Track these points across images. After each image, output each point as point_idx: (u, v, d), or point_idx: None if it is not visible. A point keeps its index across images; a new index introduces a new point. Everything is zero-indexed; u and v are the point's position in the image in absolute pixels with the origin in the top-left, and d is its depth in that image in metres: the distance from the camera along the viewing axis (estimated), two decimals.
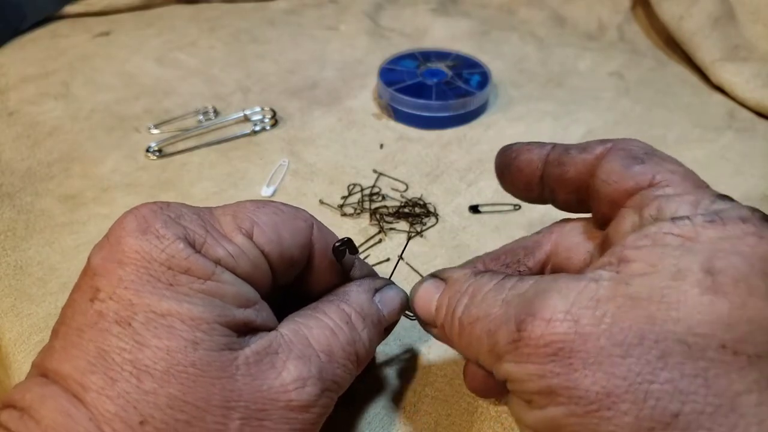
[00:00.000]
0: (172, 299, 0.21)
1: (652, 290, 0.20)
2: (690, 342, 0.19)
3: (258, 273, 0.25)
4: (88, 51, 0.63)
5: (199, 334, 0.21)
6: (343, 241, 0.28)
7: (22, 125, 0.52)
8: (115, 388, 0.20)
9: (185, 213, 0.24)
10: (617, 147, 0.26)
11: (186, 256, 0.22)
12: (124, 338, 0.20)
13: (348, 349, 0.26)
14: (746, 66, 0.57)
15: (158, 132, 0.52)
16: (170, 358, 0.20)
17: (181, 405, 0.20)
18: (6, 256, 0.40)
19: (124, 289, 0.21)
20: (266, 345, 0.23)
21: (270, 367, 0.23)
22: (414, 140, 0.52)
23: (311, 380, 0.23)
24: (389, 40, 0.67)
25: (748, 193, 0.46)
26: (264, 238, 0.25)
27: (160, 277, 0.21)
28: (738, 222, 0.21)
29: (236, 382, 0.21)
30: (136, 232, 0.22)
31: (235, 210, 0.25)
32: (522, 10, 0.73)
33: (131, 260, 0.21)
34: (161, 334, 0.20)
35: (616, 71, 0.62)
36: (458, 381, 0.33)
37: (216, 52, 0.63)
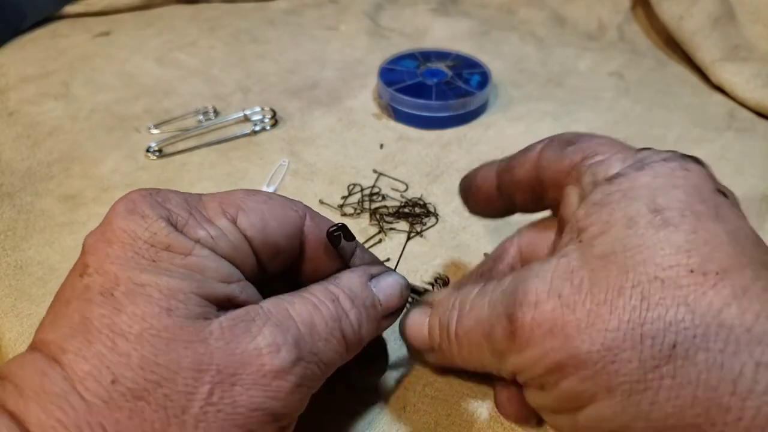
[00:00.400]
0: (152, 272, 0.22)
1: (614, 244, 0.22)
2: (662, 276, 0.21)
3: (240, 256, 0.25)
4: (88, 51, 0.63)
5: (174, 302, 0.22)
6: (337, 226, 0.28)
7: (22, 125, 0.52)
8: (91, 349, 0.21)
9: (172, 197, 0.25)
10: (552, 139, 0.29)
11: (167, 234, 0.23)
12: (105, 306, 0.21)
13: (332, 324, 0.25)
14: (746, 66, 0.57)
15: (158, 132, 0.52)
16: (144, 323, 0.21)
17: (152, 366, 0.21)
18: (6, 256, 0.40)
19: (110, 264, 0.22)
20: (243, 313, 0.23)
21: (244, 332, 0.22)
22: (414, 140, 0.52)
23: (286, 346, 0.23)
24: (389, 40, 0.67)
25: (748, 193, 0.46)
26: (247, 223, 0.25)
27: (143, 253, 0.22)
28: (662, 163, 0.24)
29: (208, 345, 0.22)
30: (124, 213, 0.23)
31: (224, 196, 0.26)
32: (522, 10, 0.73)
33: (118, 238, 0.23)
34: (138, 302, 0.21)
35: (616, 71, 0.62)
36: (458, 381, 0.33)
37: (216, 52, 0.63)
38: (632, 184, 0.24)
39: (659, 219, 0.22)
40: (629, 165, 0.24)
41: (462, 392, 0.32)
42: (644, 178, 0.24)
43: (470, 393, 0.32)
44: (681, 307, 0.20)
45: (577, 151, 0.27)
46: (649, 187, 0.23)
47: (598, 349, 0.21)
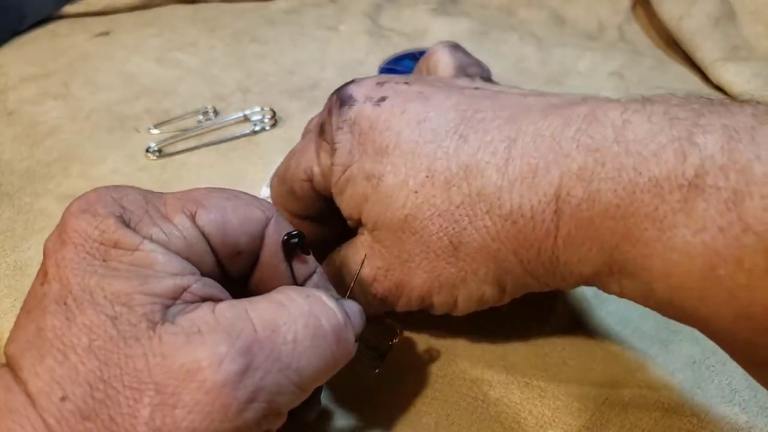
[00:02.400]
0: (99, 275, 0.21)
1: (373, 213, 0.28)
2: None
3: (196, 253, 0.23)
4: (87, 51, 0.63)
5: (119, 308, 0.20)
6: (293, 234, 0.26)
7: (21, 125, 0.52)
8: (43, 364, 0.20)
9: (130, 194, 0.24)
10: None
11: (114, 230, 0.22)
12: (59, 316, 0.20)
13: (304, 321, 0.22)
14: (746, 66, 0.57)
15: (158, 132, 0.52)
16: (92, 334, 0.20)
17: (98, 383, 0.19)
18: (5, 257, 0.40)
19: (64, 268, 0.21)
20: (188, 323, 0.21)
21: (185, 343, 0.20)
22: None
23: (229, 356, 0.20)
24: (389, 40, 0.67)
25: None
26: (206, 219, 0.24)
27: (94, 253, 0.21)
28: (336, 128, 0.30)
29: (147, 361, 0.19)
30: (78, 213, 0.22)
31: (186, 193, 0.25)
32: (522, 10, 0.73)
33: (71, 239, 0.22)
34: (87, 310, 0.20)
35: (616, 71, 0.62)
36: (458, 381, 0.33)
37: (216, 52, 0.63)
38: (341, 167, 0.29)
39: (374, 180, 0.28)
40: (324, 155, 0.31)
41: (462, 392, 0.32)
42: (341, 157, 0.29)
43: (470, 393, 0.32)
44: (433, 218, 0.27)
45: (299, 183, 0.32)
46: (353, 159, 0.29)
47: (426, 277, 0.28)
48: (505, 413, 0.31)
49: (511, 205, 0.25)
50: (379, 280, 0.28)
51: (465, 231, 0.26)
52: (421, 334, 0.35)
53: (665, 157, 0.22)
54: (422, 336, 0.35)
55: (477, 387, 0.32)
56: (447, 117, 0.27)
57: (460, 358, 0.34)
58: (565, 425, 0.31)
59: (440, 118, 0.27)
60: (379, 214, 0.27)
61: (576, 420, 0.31)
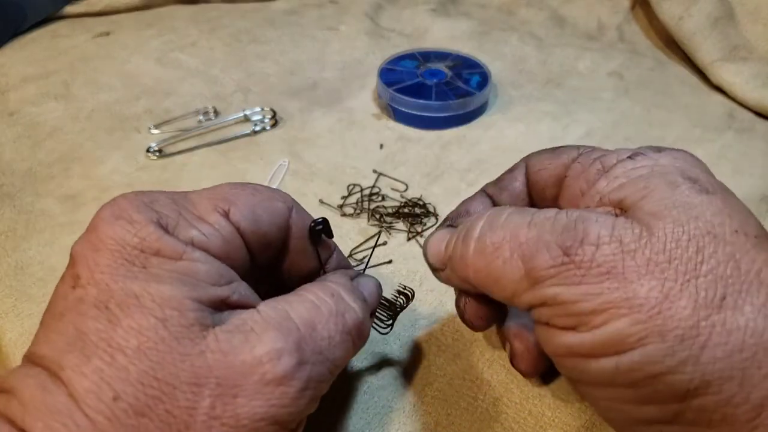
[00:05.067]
0: (143, 280, 0.22)
1: (663, 202, 0.23)
2: (715, 232, 0.22)
3: (233, 251, 0.25)
4: (88, 51, 0.63)
5: (169, 312, 0.21)
6: (318, 221, 0.28)
7: (22, 125, 0.52)
8: (90, 365, 0.20)
9: (159, 198, 0.25)
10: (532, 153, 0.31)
11: (156, 238, 0.22)
12: (101, 320, 0.21)
13: (334, 320, 0.25)
14: (746, 66, 0.57)
15: (158, 132, 0.52)
16: (141, 336, 0.21)
17: (151, 381, 0.20)
18: (6, 257, 0.40)
19: (101, 273, 0.22)
20: (240, 322, 0.23)
21: (243, 341, 0.22)
22: (414, 140, 0.52)
23: (287, 351, 0.22)
24: (389, 40, 0.67)
25: (748, 193, 0.46)
26: (239, 216, 0.25)
27: (133, 260, 0.22)
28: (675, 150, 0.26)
29: (206, 359, 0.21)
30: (111, 219, 0.23)
31: (211, 192, 0.26)
32: (522, 10, 0.73)
33: (106, 246, 0.22)
34: (133, 314, 0.21)
35: (616, 71, 0.62)
36: (458, 381, 0.33)
37: (216, 53, 0.63)
38: (656, 161, 0.25)
39: (697, 186, 0.24)
40: (646, 148, 0.26)
41: (462, 393, 0.32)
42: (665, 158, 0.25)
43: (470, 393, 0.32)
44: (731, 263, 0.22)
45: (571, 149, 0.28)
46: (674, 164, 0.25)
47: (656, 295, 0.22)
48: (505, 413, 0.31)
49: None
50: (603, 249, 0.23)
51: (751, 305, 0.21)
52: (421, 335, 0.35)
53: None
54: (422, 336, 0.35)
55: (477, 387, 0.32)
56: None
57: (460, 358, 0.34)
58: (565, 425, 0.31)
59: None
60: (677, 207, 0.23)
61: (576, 420, 0.31)
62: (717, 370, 0.21)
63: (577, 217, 0.24)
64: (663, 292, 0.22)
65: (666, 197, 0.23)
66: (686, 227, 0.22)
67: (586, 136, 0.52)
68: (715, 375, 0.21)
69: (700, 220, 0.22)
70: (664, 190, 0.24)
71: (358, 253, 0.41)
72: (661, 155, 0.26)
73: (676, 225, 0.22)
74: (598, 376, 0.23)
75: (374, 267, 0.40)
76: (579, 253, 0.23)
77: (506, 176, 0.31)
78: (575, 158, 0.28)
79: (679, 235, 0.22)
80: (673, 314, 0.21)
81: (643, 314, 0.22)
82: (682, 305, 0.21)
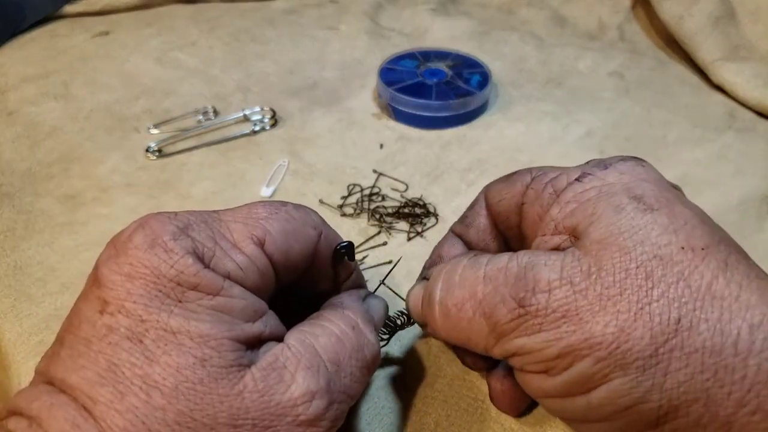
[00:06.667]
0: (181, 316, 0.21)
1: (609, 229, 0.23)
2: (661, 254, 0.22)
3: (265, 282, 0.25)
4: (87, 51, 0.63)
5: (208, 351, 0.21)
6: (343, 245, 0.29)
7: (21, 125, 0.52)
8: (125, 402, 0.20)
9: (193, 223, 0.24)
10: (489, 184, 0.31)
11: (195, 272, 0.22)
12: (135, 354, 0.20)
13: (356, 356, 0.25)
14: (746, 66, 0.57)
15: (158, 132, 0.52)
16: (179, 375, 0.20)
17: (188, 422, 0.20)
18: (6, 257, 0.40)
19: (133, 303, 0.21)
20: (273, 360, 0.23)
21: (278, 381, 0.22)
22: (414, 140, 0.52)
23: (319, 393, 0.23)
24: (389, 40, 0.67)
25: (748, 193, 0.45)
26: (274, 248, 0.25)
27: (169, 293, 0.21)
28: (621, 162, 0.26)
29: (243, 399, 0.21)
30: (145, 246, 0.22)
31: (246, 216, 0.25)
32: (522, 10, 0.73)
33: (140, 275, 0.21)
34: (171, 351, 0.21)
35: (616, 71, 0.62)
36: (458, 381, 0.33)
37: (216, 52, 0.63)
38: (603, 181, 0.25)
39: (642, 205, 0.24)
40: (593, 166, 0.26)
41: (462, 392, 0.32)
42: (612, 174, 0.25)
43: (470, 393, 0.32)
44: (680, 283, 0.22)
45: (524, 174, 0.29)
46: (621, 181, 0.25)
47: (612, 330, 0.22)
48: (504, 414, 0.31)
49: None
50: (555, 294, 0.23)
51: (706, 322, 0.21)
52: (421, 336, 0.35)
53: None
54: (422, 337, 0.35)
55: (477, 387, 0.32)
56: (720, 237, 0.24)
57: None
58: (565, 426, 0.31)
59: (718, 233, 0.24)
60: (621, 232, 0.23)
61: None
62: (682, 393, 0.21)
63: (527, 263, 0.24)
64: (618, 326, 0.22)
65: (612, 222, 0.23)
66: (633, 254, 0.22)
67: (587, 136, 0.52)
68: (681, 399, 0.21)
69: (646, 243, 0.22)
70: (610, 215, 0.24)
71: (358, 252, 0.41)
72: (608, 172, 0.26)
73: (622, 253, 0.23)
74: (575, 413, 0.24)
75: (374, 267, 0.40)
76: (533, 303, 0.23)
77: (469, 213, 0.32)
78: (528, 184, 0.28)
79: (627, 264, 0.22)
80: (631, 346, 0.21)
81: (603, 352, 0.22)
82: (638, 336, 0.21)
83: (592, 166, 0.26)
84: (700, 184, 0.46)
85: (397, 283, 0.38)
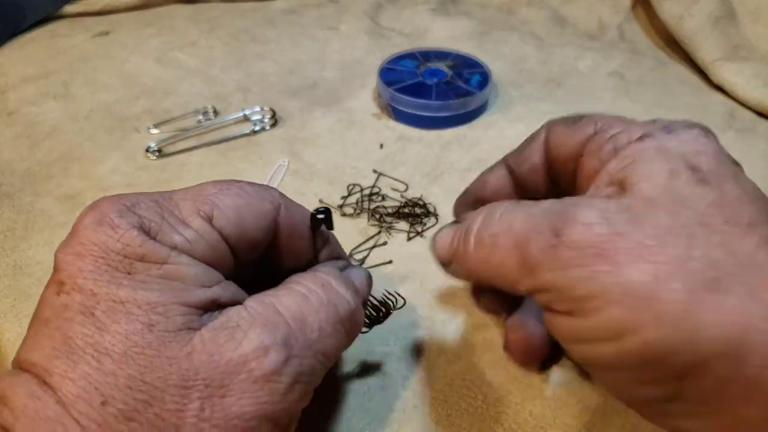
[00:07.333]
0: (129, 287, 0.22)
1: (660, 191, 0.24)
2: (706, 222, 0.23)
3: (217, 256, 0.25)
4: (87, 51, 0.63)
5: (155, 317, 0.21)
6: (321, 210, 0.28)
7: (21, 125, 0.52)
8: (77, 370, 0.20)
9: (142, 201, 0.24)
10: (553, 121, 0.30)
11: (140, 243, 0.22)
12: (87, 325, 0.21)
13: (325, 310, 0.25)
14: (747, 66, 0.57)
15: (158, 132, 0.52)
16: (128, 341, 0.21)
17: (139, 385, 0.20)
18: (5, 257, 0.40)
19: (84, 279, 0.22)
20: (226, 320, 0.22)
21: (228, 339, 0.22)
22: (414, 140, 0.52)
23: (274, 347, 0.22)
24: (389, 40, 0.67)
25: None
26: (224, 221, 0.25)
27: (117, 266, 0.22)
28: (686, 129, 0.26)
29: (192, 360, 0.21)
30: (93, 225, 0.23)
31: (196, 193, 0.26)
32: (522, 10, 0.73)
33: (89, 252, 0.22)
34: (120, 320, 0.21)
35: (616, 71, 0.62)
36: (458, 381, 0.33)
37: (216, 52, 0.63)
38: (663, 144, 0.25)
39: (697, 176, 0.24)
40: (657, 128, 0.26)
41: (462, 392, 0.32)
42: (673, 141, 0.26)
43: (470, 394, 0.32)
44: (722, 248, 0.22)
45: (588, 124, 0.28)
46: (680, 149, 0.25)
47: (647, 279, 0.21)
48: (505, 413, 0.31)
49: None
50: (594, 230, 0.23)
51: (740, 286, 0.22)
52: (421, 335, 0.35)
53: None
54: (423, 337, 0.35)
55: (477, 387, 0.32)
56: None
57: (460, 359, 0.34)
58: (565, 426, 0.31)
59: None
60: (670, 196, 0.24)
61: (576, 420, 0.31)
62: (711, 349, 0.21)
63: (570, 202, 0.24)
64: (654, 275, 0.21)
65: (664, 185, 0.24)
66: (679, 216, 0.23)
67: None
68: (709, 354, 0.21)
69: (693, 211, 0.23)
70: (663, 178, 0.24)
71: (358, 253, 0.41)
72: (671, 137, 0.26)
73: (668, 213, 0.23)
74: (601, 360, 0.23)
75: (374, 267, 0.40)
76: (569, 233, 0.23)
77: (526, 148, 0.31)
78: (591, 136, 0.27)
79: (672, 223, 0.23)
80: (666, 298, 0.21)
81: (637, 300, 0.21)
82: (674, 288, 0.21)
83: (656, 129, 0.26)
84: None
85: (395, 283, 0.38)
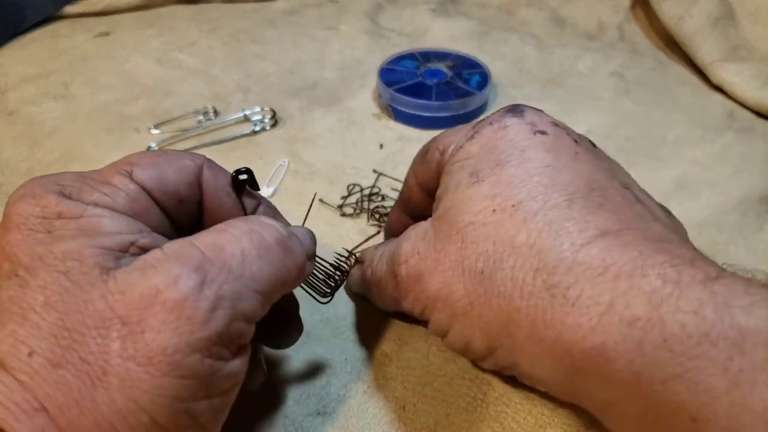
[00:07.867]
0: (47, 243, 0.22)
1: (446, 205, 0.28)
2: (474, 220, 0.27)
3: (141, 209, 0.25)
4: (88, 51, 0.63)
5: (70, 263, 0.21)
6: (241, 170, 0.28)
7: (22, 125, 0.52)
8: (6, 330, 0.21)
9: (67, 174, 0.25)
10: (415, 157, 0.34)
11: (56, 203, 0.23)
12: (13, 287, 0.21)
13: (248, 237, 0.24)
14: (746, 66, 0.57)
15: (158, 132, 0.52)
16: (47, 291, 0.21)
17: (62, 332, 0.20)
18: None
19: (11, 247, 0.22)
20: (140, 261, 0.22)
21: (141, 276, 0.21)
22: (414, 140, 0.52)
23: (185, 273, 0.21)
24: (389, 40, 0.67)
25: (747, 193, 0.45)
26: (143, 174, 0.26)
27: (38, 228, 0.22)
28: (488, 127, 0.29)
29: (107, 300, 0.21)
30: (16, 199, 0.23)
31: (117, 161, 0.27)
32: (522, 10, 0.73)
33: (15, 224, 0.23)
34: (39, 273, 0.21)
35: (616, 71, 0.62)
36: (458, 381, 0.33)
37: (216, 52, 0.63)
38: (467, 153, 0.29)
39: (473, 178, 0.27)
40: (465, 137, 0.29)
41: (462, 392, 0.32)
42: (474, 146, 0.29)
43: (470, 393, 0.32)
44: (486, 241, 0.26)
45: (433, 152, 0.31)
46: (478, 154, 0.28)
47: (440, 286, 0.27)
48: (505, 413, 0.31)
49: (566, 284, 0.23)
50: (409, 263, 0.29)
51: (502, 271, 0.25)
52: (420, 333, 0.35)
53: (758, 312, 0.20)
54: (422, 335, 0.35)
55: (477, 387, 0.32)
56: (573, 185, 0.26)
57: (460, 357, 0.34)
58: (564, 425, 0.31)
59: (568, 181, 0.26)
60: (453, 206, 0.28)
61: (576, 420, 0.31)
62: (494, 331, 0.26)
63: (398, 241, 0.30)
64: (443, 282, 0.27)
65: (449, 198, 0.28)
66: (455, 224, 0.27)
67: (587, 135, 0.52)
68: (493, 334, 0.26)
69: (466, 213, 0.27)
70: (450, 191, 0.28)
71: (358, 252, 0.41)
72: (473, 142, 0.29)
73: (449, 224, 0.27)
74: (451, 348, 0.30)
75: None
76: (399, 273, 0.30)
77: (404, 189, 0.35)
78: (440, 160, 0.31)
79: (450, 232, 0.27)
80: (454, 297, 0.27)
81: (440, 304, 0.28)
82: (456, 288, 0.27)
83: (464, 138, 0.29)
84: (700, 184, 0.46)
85: None
